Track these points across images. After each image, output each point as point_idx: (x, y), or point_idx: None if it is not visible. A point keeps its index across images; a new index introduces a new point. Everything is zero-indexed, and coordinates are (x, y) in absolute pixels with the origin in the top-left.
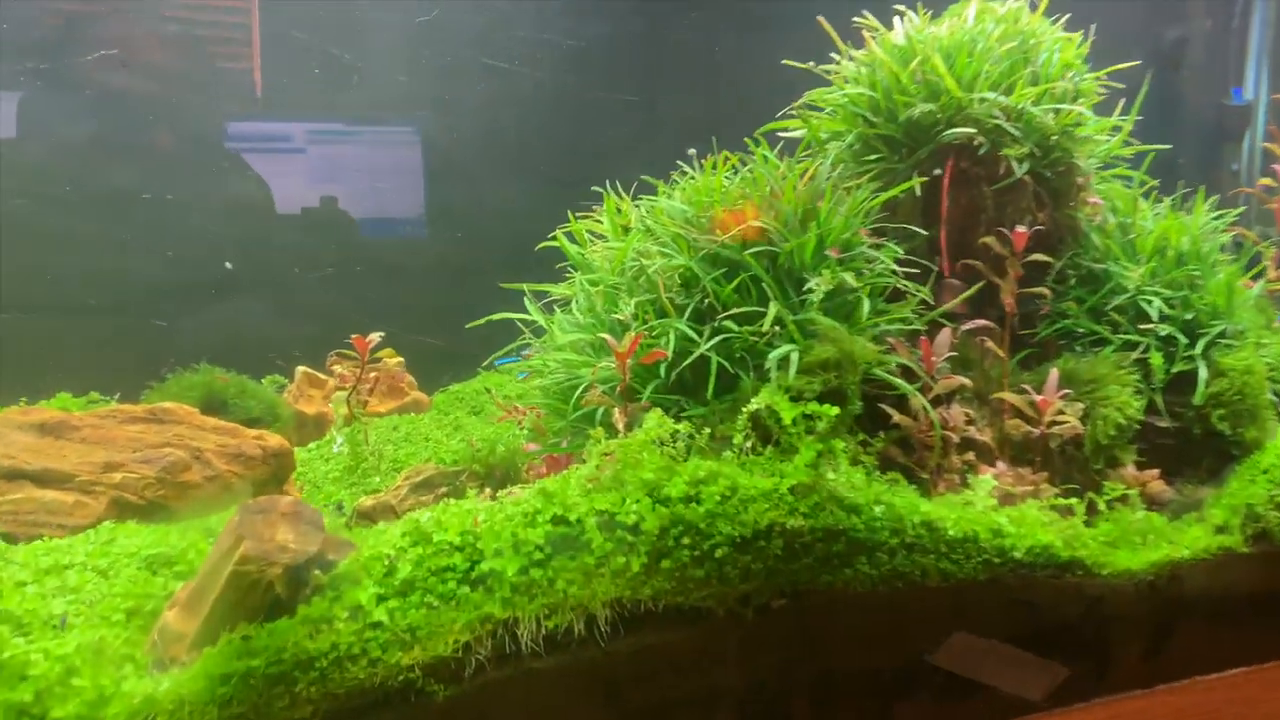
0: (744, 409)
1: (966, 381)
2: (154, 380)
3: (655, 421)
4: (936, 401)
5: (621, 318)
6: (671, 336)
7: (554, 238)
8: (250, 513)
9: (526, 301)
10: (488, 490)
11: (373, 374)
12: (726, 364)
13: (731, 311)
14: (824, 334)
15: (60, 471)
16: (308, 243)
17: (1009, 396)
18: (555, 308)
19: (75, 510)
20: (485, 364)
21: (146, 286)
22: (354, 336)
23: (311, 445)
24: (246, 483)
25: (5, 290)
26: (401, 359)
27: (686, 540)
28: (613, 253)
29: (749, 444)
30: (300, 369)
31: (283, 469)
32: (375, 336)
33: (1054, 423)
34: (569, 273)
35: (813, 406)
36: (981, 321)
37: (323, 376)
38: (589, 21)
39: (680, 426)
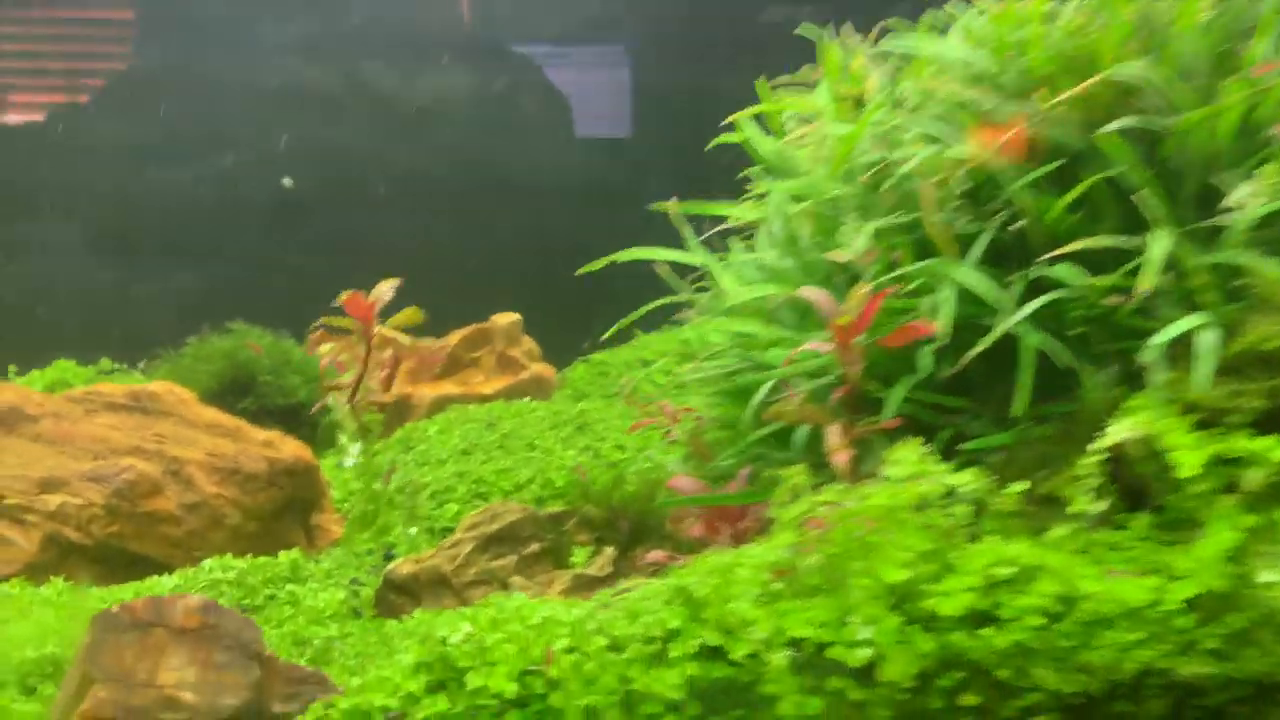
0: (1093, 442)
1: None
2: (171, 345)
3: (912, 464)
4: None
5: (846, 258)
6: (947, 294)
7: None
8: (110, 630)
9: (686, 234)
10: (607, 552)
11: (386, 351)
12: (1055, 348)
13: (1066, 249)
14: (1266, 294)
15: None
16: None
17: None
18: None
19: None
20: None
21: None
22: (346, 295)
23: (381, 445)
24: (248, 515)
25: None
26: (517, 317)
27: (972, 699)
28: (833, 143)
29: (1101, 509)
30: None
31: (305, 493)
32: (387, 288)
33: None
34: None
35: (1242, 443)
36: None
37: (404, 339)
38: None
39: (961, 478)
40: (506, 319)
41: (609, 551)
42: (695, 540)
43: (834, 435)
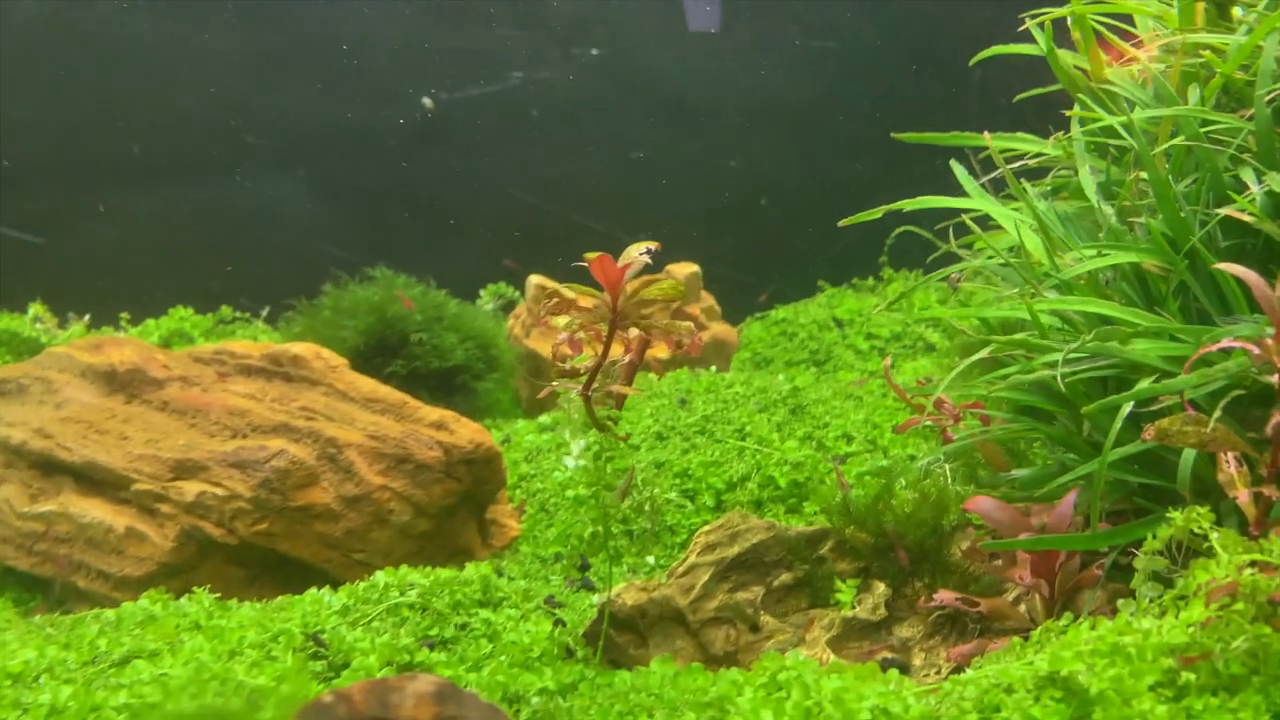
0: None
1: None
2: (302, 293)
3: None
4: None
5: (1245, 216)
6: None
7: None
8: None
9: (956, 170)
10: (878, 588)
11: (630, 332)
12: None
13: None
14: None
15: (110, 470)
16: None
17: None
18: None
19: (127, 545)
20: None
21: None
22: (592, 256)
23: (546, 417)
24: (418, 512)
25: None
26: (696, 268)
27: None
28: (1207, 58)
29: None
30: (534, 280)
31: (484, 486)
32: (641, 253)
33: None
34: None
35: None
36: None
37: (569, 293)
38: None
39: None
40: (684, 270)
41: (880, 588)
42: (995, 579)
43: (1230, 464)
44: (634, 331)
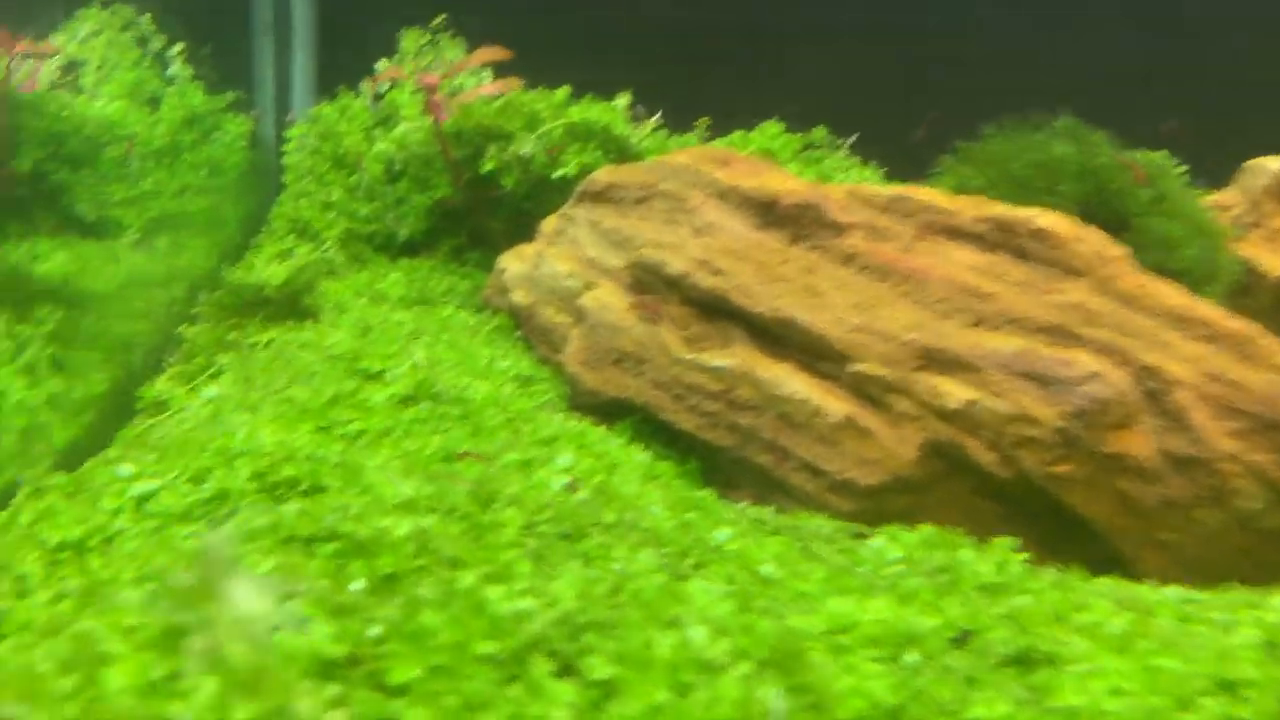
0: None
1: None
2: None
3: None
4: None
5: None
6: None
7: None
8: None
9: None
10: None
11: None
12: None
13: None
14: None
15: (818, 336)
16: None
17: None
18: None
19: (844, 438)
20: None
21: None
22: None
23: None
24: (1277, 501)
25: None
26: None
27: None
28: None
29: None
30: (1275, 165)
31: None
32: None
33: None
34: None
35: None
36: None
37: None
38: None
39: None
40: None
41: None
42: None
43: None
44: None
